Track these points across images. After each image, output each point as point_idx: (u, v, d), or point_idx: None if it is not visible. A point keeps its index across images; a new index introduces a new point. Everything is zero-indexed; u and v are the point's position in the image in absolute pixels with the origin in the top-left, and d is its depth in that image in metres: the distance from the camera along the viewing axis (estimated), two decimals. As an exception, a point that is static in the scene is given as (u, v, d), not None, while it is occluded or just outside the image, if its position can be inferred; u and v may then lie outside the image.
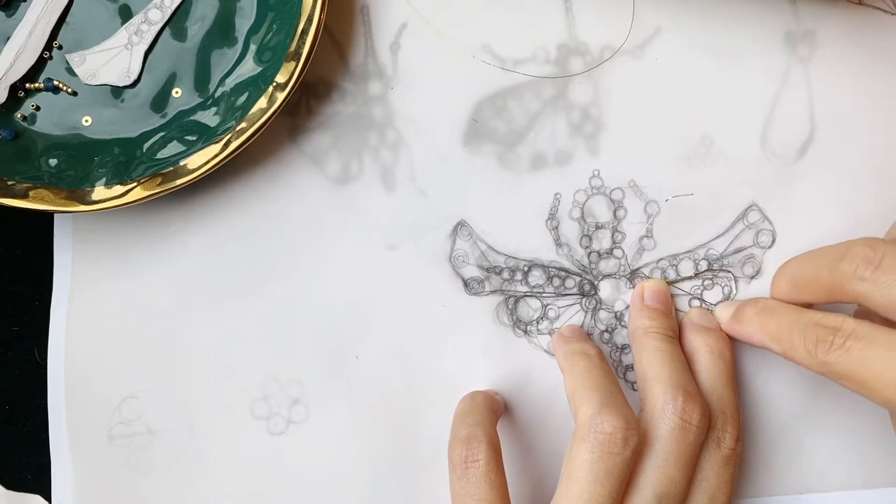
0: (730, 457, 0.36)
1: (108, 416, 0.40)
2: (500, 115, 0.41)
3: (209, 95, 0.40)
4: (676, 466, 0.35)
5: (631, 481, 0.35)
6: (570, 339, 0.39)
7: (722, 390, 0.37)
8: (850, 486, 0.41)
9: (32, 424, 0.41)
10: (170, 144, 0.39)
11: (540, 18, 0.41)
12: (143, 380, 0.41)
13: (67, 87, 0.40)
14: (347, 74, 0.41)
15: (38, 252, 0.41)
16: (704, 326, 0.39)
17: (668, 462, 0.35)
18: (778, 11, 0.42)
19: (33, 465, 0.40)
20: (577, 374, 0.36)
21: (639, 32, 0.41)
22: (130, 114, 0.40)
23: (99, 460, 0.40)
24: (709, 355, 0.38)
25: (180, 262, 0.41)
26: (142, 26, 0.40)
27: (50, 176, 0.39)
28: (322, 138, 0.41)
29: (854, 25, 0.42)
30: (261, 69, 0.39)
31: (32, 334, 0.41)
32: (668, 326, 0.39)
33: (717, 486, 0.36)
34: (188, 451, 0.40)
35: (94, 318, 0.41)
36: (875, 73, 0.41)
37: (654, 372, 0.37)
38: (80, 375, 0.40)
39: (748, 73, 0.41)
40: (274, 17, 0.40)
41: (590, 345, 0.38)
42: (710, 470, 0.36)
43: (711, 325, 0.39)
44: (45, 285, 0.41)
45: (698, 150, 0.41)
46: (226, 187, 0.41)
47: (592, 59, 0.42)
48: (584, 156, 0.41)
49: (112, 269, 0.41)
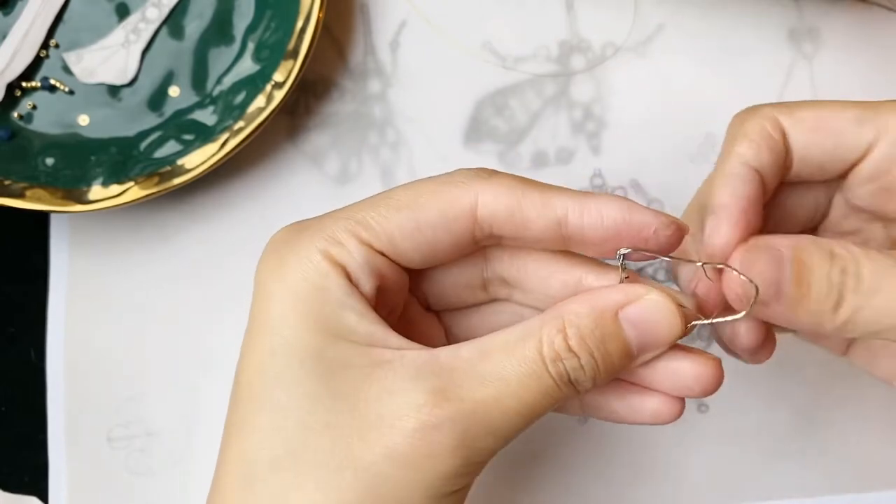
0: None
1: (107, 418, 0.40)
2: (500, 114, 0.41)
3: (207, 94, 0.40)
4: None
5: None
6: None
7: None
8: (857, 489, 0.41)
9: (29, 426, 0.40)
10: (167, 144, 0.39)
11: (541, 16, 0.41)
12: (141, 382, 0.40)
13: (64, 85, 0.40)
14: (347, 73, 0.41)
15: (34, 252, 0.41)
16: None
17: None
18: (781, 8, 0.41)
19: (30, 466, 0.40)
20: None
21: (641, 30, 0.41)
22: (127, 113, 0.40)
23: (97, 462, 0.40)
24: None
25: (178, 263, 0.41)
26: (139, 25, 0.40)
27: (46, 175, 0.38)
28: (321, 137, 0.41)
29: (858, 23, 0.42)
30: (259, 68, 0.39)
31: (29, 335, 0.41)
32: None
33: None
34: (187, 454, 0.40)
35: (92, 319, 0.41)
36: (879, 70, 0.41)
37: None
38: (80, 377, 0.40)
39: (752, 71, 0.41)
40: (272, 15, 0.39)
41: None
42: None
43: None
44: (42, 286, 0.41)
45: (702, 149, 0.41)
46: (224, 187, 0.41)
47: (594, 57, 0.41)
48: (586, 154, 0.41)
49: (109, 270, 0.41)
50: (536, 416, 0.26)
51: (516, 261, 0.29)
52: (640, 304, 0.26)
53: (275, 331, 0.26)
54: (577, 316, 0.26)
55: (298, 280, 0.27)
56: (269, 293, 0.27)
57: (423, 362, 0.26)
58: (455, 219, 0.27)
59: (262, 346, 0.27)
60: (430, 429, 0.25)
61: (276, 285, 0.27)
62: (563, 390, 0.26)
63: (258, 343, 0.27)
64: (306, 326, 0.26)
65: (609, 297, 0.27)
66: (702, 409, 0.40)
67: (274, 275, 0.27)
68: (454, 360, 0.26)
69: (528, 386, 0.25)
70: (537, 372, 0.25)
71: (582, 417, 0.40)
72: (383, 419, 0.25)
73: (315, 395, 0.26)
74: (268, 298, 0.27)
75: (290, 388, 0.26)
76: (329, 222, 0.27)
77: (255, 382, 0.27)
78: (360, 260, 0.27)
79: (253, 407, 0.27)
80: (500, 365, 0.26)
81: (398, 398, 0.25)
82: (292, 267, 0.27)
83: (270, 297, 0.27)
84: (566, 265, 0.29)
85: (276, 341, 0.26)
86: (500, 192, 0.27)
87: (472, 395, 0.25)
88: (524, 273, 0.29)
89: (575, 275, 0.29)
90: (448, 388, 0.25)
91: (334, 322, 0.26)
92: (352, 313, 0.26)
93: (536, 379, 0.26)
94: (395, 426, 0.25)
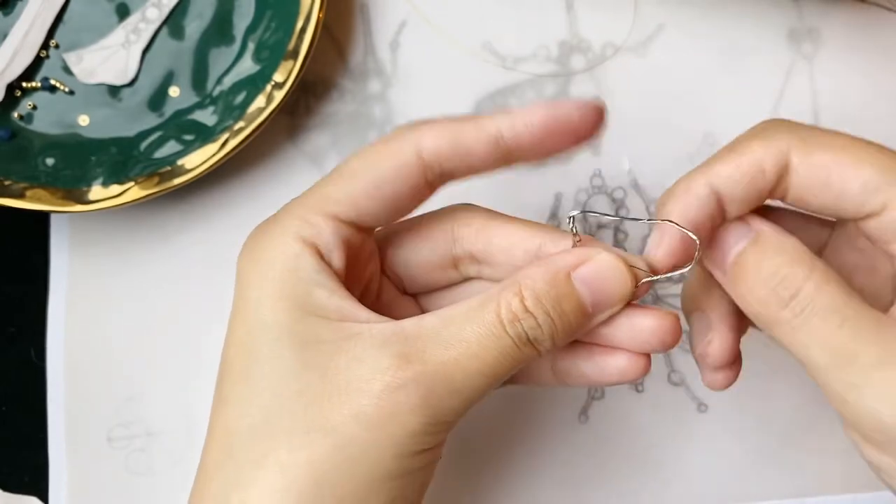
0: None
1: (107, 418, 0.40)
2: (500, 114, 0.41)
3: (207, 94, 0.40)
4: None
5: None
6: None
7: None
8: (856, 489, 0.40)
9: (29, 426, 0.40)
10: (167, 144, 0.39)
11: (541, 16, 0.41)
12: (142, 382, 0.40)
13: (64, 86, 0.40)
14: (347, 73, 0.41)
15: (34, 252, 0.41)
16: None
17: None
18: (781, 8, 0.41)
19: (30, 466, 0.40)
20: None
21: (641, 30, 0.41)
22: (128, 113, 0.40)
23: (97, 462, 0.40)
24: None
25: (178, 263, 0.41)
26: (139, 25, 0.40)
27: (47, 175, 0.38)
28: (321, 137, 0.41)
29: (858, 23, 0.42)
30: (259, 68, 0.39)
31: (29, 335, 0.41)
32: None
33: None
34: (187, 454, 0.40)
35: (92, 319, 0.41)
36: (879, 70, 0.41)
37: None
38: (80, 377, 0.40)
39: (752, 71, 0.41)
40: (272, 15, 0.39)
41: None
42: None
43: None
44: (42, 286, 0.41)
45: (702, 149, 0.41)
46: (224, 187, 0.41)
47: (594, 57, 0.41)
48: (586, 155, 0.41)
49: (109, 270, 0.41)
50: (498, 377, 0.27)
51: (482, 235, 0.31)
52: (591, 263, 0.28)
53: (253, 312, 0.28)
54: (531, 279, 0.28)
55: (272, 264, 0.28)
56: (247, 278, 0.29)
57: (390, 332, 0.27)
58: (407, 168, 0.29)
59: (243, 326, 0.29)
60: (395, 389, 0.26)
61: (252, 271, 0.29)
62: (523, 350, 0.27)
63: (239, 324, 0.29)
64: (281, 306, 0.28)
65: (562, 259, 0.28)
66: (701, 408, 0.41)
67: (251, 262, 0.29)
68: (419, 329, 0.27)
69: (487, 347, 0.27)
70: (496, 333, 0.27)
71: (583, 416, 0.40)
72: (351, 384, 0.27)
73: (289, 367, 0.27)
74: (246, 283, 0.29)
75: (267, 362, 0.28)
76: (296, 206, 0.29)
77: (235, 360, 0.29)
78: (328, 234, 0.29)
79: (234, 381, 0.29)
80: (462, 329, 0.27)
81: (365, 364, 0.27)
82: (266, 253, 0.29)
83: (248, 281, 0.29)
84: (527, 235, 0.30)
85: (254, 321, 0.28)
86: (438, 131, 0.29)
87: (434, 358, 0.27)
88: (490, 246, 0.31)
89: (535, 243, 0.30)
90: (412, 352, 0.27)
91: (306, 300, 0.28)
92: (322, 290, 0.28)
93: (496, 340, 0.27)
94: (363, 389, 0.27)
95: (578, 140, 0.29)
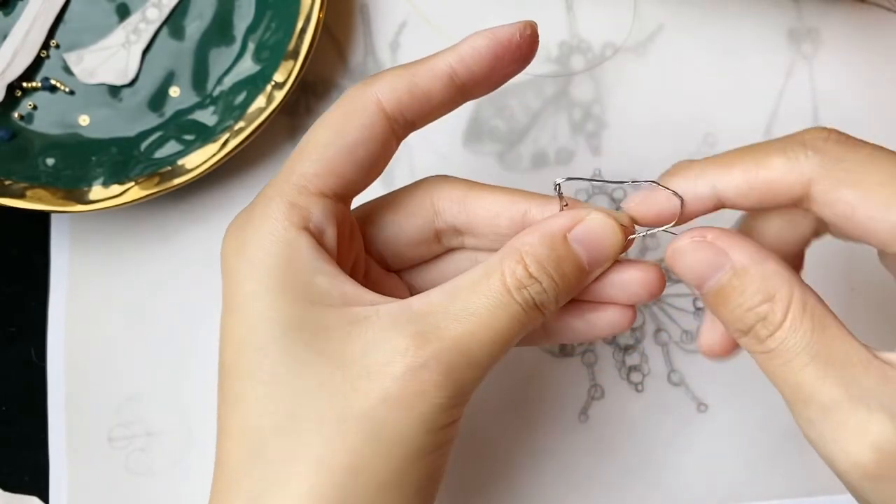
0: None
1: (107, 418, 0.40)
2: (500, 114, 0.41)
3: (207, 94, 0.40)
4: None
5: None
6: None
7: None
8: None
9: (29, 426, 0.40)
10: (167, 144, 0.39)
11: (541, 16, 0.41)
12: (142, 382, 0.40)
13: (65, 86, 0.40)
14: (347, 73, 0.41)
15: (34, 252, 0.41)
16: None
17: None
18: (781, 8, 0.41)
19: (30, 466, 0.40)
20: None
21: (641, 30, 0.41)
22: (128, 113, 0.40)
23: (97, 462, 0.40)
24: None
25: (179, 263, 0.41)
26: (139, 25, 0.40)
27: (47, 175, 0.38)
28: (321, 137, 0.41)
29: (857, 23, 0.42)
30: (259, 68, 0.39)
31: (29, 335, 0.41)
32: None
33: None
34: (187, 454, 0.40)
35: (93, 319, 0.41)
36: (878, 70, 0.41)
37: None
38: (80, 377, 0.40)
39: (751, 71, 0.41)
40: (272, 15, 0.39)
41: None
42: None
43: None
44: (42, 286, 0.41)
45: (701, 148, 0.41)
46: (224, 187, 0.41)
47: (594, 57, 0.41)
48: (586, 154, 0.41)
49: (110, 270, 0.41)
50: (510, 343, 0.28)
51: (464, 207, 0.31)
52: (585, 224, 0.29)
53: (251, 307, 0.28)
54: (531, 246, 0.28)
55: (264, 255, 0.28)
56: (237, 273, 0.28)
57: (399, 312, 0.27)
58: (374, 126, 0.29)
59: (242, 323, 0.28)
60: (418, 368, 0.26)
61: (242, 265, 0.28)
62: (531, 314, 0.28)
63: (237, 321, 0.28)
64: (282, 298, 0.27)
65: (556, 223, 0.29)
66: (701, 408, 0.40)
67: (238, 255, 0.28)
68: (427, 306, 0.27)
69: (498, 316, 0.27)
70: (504, 302, 0.27)
71: (583, 416, 0.40)
72: (371, 369, 0.27)
73: (303, 360, 0.27)
74: (237, 278, 0.28)
75: (278, 357, 0.27)
76: (275, 191, 0.29)
77: (241, 358, 0.28)
78: (319, 213, 0.29)
79: (245, 380, 0.28)
80: (470, 301, 0.27)
81: (382, 347, 0.27)
82: (255, 243, 0.28)
83: (239, 276, 0.28)
84: (510, 202, 0.31)
85: (255, 317, 0.28)
86: (394, 83, 0.29)
87: (449, 334, 0.27)
88: (473, 217, 0.31)
89: (520, 210, 0.31)
90: (427, 330, 0.27)
91: (307, 289, 0.28)
92: (323, 277, 0.28)
93: (504, 308, 0.27)
94: (385, 372, 0.26)
95: (524, 61, 0.30)
